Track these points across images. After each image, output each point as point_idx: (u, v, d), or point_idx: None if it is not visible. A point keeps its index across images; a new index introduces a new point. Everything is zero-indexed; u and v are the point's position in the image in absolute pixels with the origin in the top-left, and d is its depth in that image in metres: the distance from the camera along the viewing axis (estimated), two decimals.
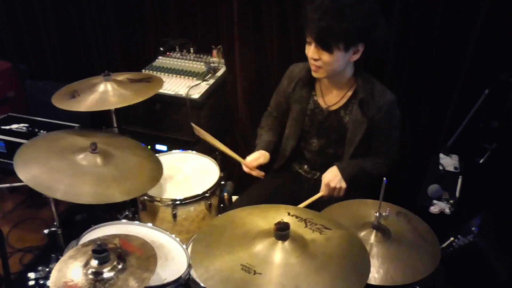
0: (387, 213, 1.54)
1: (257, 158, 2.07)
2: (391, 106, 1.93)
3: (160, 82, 2.23)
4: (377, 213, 1.54)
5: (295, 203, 1.89)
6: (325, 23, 1.72)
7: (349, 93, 1.96)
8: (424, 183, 1.98)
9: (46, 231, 2.10)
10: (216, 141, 2.11)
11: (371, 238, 1.54)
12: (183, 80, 2.64)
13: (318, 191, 1.99)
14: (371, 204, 1.69)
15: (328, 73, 1.88)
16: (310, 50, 1.83)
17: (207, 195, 2.12)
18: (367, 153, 2.01)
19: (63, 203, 1.78)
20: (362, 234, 1.56)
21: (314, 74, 1.90)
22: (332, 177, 1.93)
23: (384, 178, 1.49)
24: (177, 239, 1.84)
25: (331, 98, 1.99)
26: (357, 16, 1.72)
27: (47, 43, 3.29)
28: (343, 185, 1.93)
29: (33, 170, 1.74)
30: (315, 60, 1.83)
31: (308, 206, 1.86)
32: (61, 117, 2.94)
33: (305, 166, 2.16)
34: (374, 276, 1.44)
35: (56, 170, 1.75)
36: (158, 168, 1.96)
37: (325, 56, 1.80)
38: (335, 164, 1.97)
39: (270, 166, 2.28)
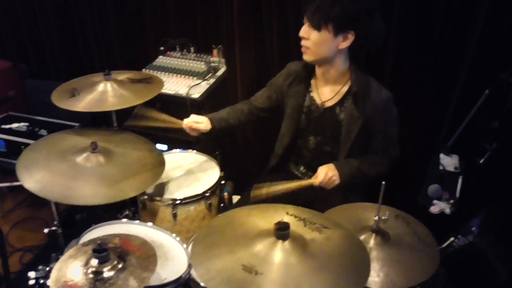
0: (386, 217, 1.54)
1: (197, 121, 2.07)
2: (387, 103, 1.92)
3: (160, 84, 2.23)
4: (377, 216, 1.54)
5: (293, 204, 1.89)
6: (319, 1, 1.77)
7: (344, 89, 1.95)
8: (424, 183, 1.98)
9: (46, 230, 2.10)
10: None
11: (371, 241, 1.54)
12: (183, 80, 2.64)
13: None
14: (370, 208, 1.69)
15: (315, 56, 1.89)
16: (302, 29, 1.86)
17: (207, 194, 2.12)
18: (364, 153, 2.00)
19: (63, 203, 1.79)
20: (362, 237, 1.55)
21: (303, 56, 1.92)
22: (331, 170, 1.92)
23: (383, 182, 1.48)
24: (177, 238, 1.84)
25: (326, 94, 1.99)
26: (351, 1, 1.75)
27: (47, 43, 3.29)
28: (337, 181, 1.92)
29: (38, 178, 1.73)
30: (305, 39, 1.86)
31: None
32: (61, 116, 2.94)
33: (301, 167, 2.15)
34: (375, 280, 1.44)
35: (60, 175, 1.75)
36: (159, 159, 1.96)
37: (314, 35, 1.82)
38: (333, 163, 1.96)
39: (265, 166, 2.28)
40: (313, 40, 1.83)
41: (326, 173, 1.91)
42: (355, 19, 1.77)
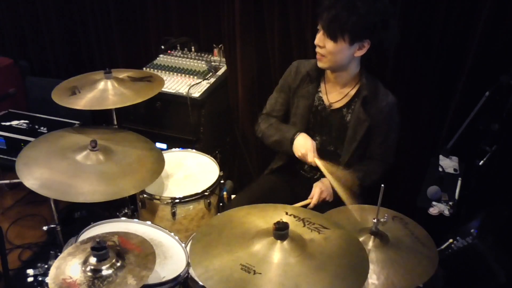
0: (385, 219, 1.54)
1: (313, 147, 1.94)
2: (393, 108, 1.94)
3: (161, 82, 2.23)
4: (375, 219, 1.54)
5: (294, 202, 1.89)
6: (335, 12, 1.75)
7: (352, 92, 1.96)
8: (423, 184, 1.98)
9: (45, 228, 2.10)
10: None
11: (369, 243, 1.54)
12: (184, 79, 2.64)
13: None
14: (368, 210, 1.69)
15: (331, 63, 1.89)
16: (317, 36, 1.86)
17: (207, 193, 2.12)
18: (364, 155, 2.01)
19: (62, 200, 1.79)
20: (360, 239, 1.55)
21: (318, 63, 1.92)
22: (325, 188, 1.96)
23: (382, 185, 1.49)
24: (176, 237, 1.85)
25: (335, 96, 1.99)
26: (368, 12, 1.73)
27: (48, 40, 3.29)
28: (331, 199, 1.96)
29: (38, 176, 1.73)
30: (320, 47, 1.86)
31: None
32: (62, 114, 2.94)
33: (305, 166, 2.15)
34: (375, 282, 1.44)
35: (60, 172, 1.76)
36: (159, 158, 1.96)
37: (330, 45, 1.82)
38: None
39: (265, 166, 2.28)
40: (328, 49, 1.83)
41: (320, 195, 1.94)
42: (371, 29, 1.77)
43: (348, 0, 1.74)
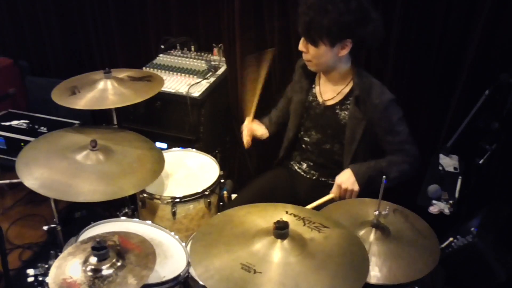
0: (386, 212, 1.55)
1: (256, 129, 2.21)
2: (389, 104, 1.89)
3: (161, 82, 2.23)
4: (377, 211, 1.54)
5: (294, 203, 1.89)
6: (308, 18, 1.78)
7: (346, 90, 1.96)
8: (423, 183, 1.98)
9: (45, 227, 2.10)
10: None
11: (371, 236, 1.54)
12: (183, 78, 2.64)
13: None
14: (369, 203, 1.70)
15: (318, 67, 1.93)
16: (300, 42, 1.90)
17: (207, 193, 2.12)
18: (370, 155, 1.98)
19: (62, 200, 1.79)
20: (362, 232, 1.55)
21: (308, 68, 1.97)
22: (345, 179, 1.88)
23: (384, 177, 1.49)
24: (176, 236, 1.85)
25: (328, 93, 2.00)
26: (340, 13, 1.74)
27: (48, 40, 3.29)
28: (356, 188, 1.88)
29: (38, 175, 1.73)
30: (305, 53, 1.90)
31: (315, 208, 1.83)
32: (62, 114, 2.94)
33: (304, 166, 2.15)
34: (377, 274, 1.44)
35: (60, 172, 1.76)
36: (159, 157, 1.96)
37: (312, 49, 1.86)
38: (349, 167, 1.93)
39: (270, 162, 2.29)
40: (312, 54, 1.87)
41: (341, 186, 1.88)
42: (348, 29, 1.78)
43: (319, 5, 1.75)
